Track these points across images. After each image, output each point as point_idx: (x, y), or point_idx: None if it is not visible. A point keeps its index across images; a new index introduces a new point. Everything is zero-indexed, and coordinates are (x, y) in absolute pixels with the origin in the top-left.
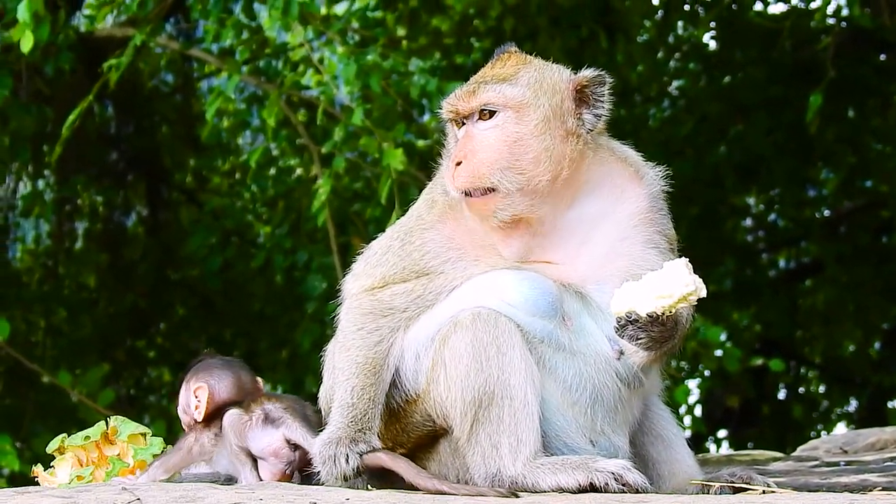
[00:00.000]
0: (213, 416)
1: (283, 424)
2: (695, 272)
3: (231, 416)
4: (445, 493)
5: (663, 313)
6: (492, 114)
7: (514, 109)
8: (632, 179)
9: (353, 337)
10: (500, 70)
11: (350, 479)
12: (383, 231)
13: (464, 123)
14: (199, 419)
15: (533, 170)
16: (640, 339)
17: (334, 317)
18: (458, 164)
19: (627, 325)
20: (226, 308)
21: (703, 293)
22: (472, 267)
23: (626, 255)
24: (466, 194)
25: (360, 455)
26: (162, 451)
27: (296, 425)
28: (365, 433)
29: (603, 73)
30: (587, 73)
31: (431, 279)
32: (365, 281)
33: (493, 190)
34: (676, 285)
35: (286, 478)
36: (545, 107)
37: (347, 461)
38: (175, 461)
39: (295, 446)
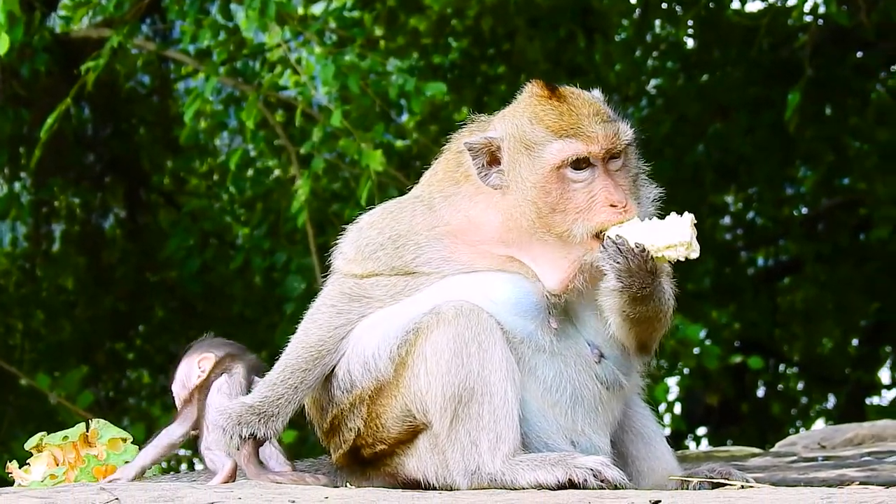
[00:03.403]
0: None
1: (229, 372)
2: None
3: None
4: (277, 482)
5: (648, 250)
6: (620, 153)
7: (632, 147)
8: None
9: (323, 312)
10: (595, 106)
11: (231, 453)
12: None
13: (588, 164)
14: (198, 383)
15: None
16: (618, 262)
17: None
18: (618, 206)
19: (612, 245)
20: (205, 310)
21: (695, 254)
22: (462, 272)
23: None
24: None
25: (242, 438)
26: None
27: (238, 372)
28: (261, 419)
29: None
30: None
31: (416, 277)
32: (354, 268)
33: None
34: (673, 233)
35: None
36: None
37: (231, 439)
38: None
39: None
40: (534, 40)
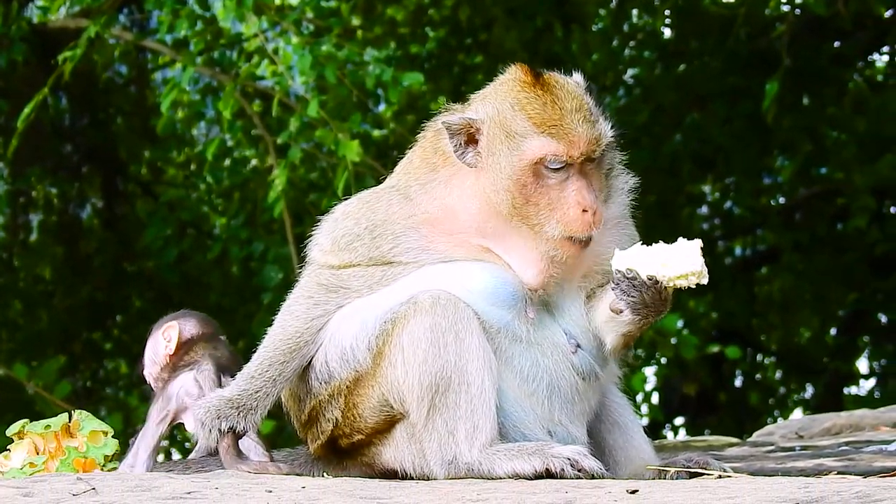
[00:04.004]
0: (180, 360)
1: (197, 366)
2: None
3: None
4: (242, 471)
5: (661, 281)
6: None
7: (610, 147)
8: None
9: (300, 303)
10: (577, 99)
11: (213, 449)
12: None
13: (567, 164)
14: (172, 352)
15: None
16: (633, 297)
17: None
18: (589, 211)
19: (624, 280)
20: (183, 300)
21: (705, 280)
22: (439, 262)
23: (592, 255)
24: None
25: (221, 432)
26: (114, 454)
27: (207, 368)
28: (240, 412)
29: None
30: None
31: (393, 267)
32: (331, 259)
33: None
34: (684, 261)
35: None
36: None
37: (210, 433)
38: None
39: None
40: (511, 30)
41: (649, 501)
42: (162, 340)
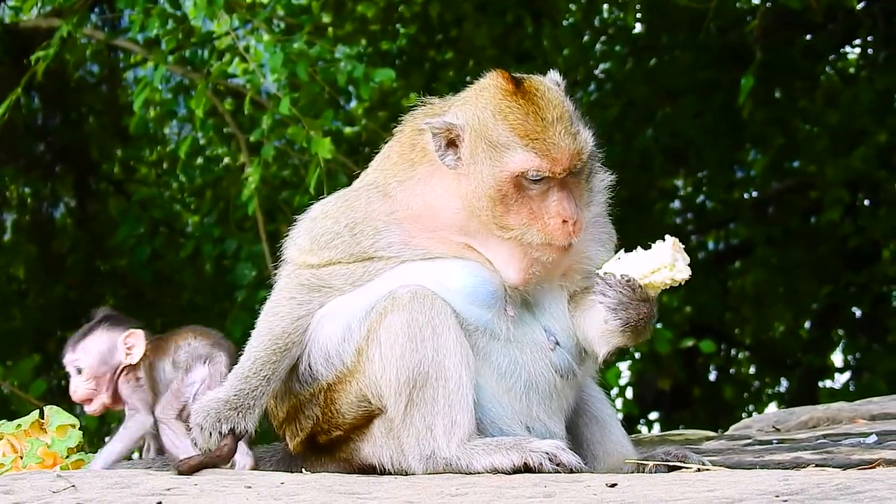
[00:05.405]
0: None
1: (210, 359)
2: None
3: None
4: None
5: (633, 277)
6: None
7: (592, 156)
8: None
9: (283, 304)
10: (558, 108)
11: (210, 451)
12: None
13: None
14: (135, 362)
15: None
16: (608, 296)
17: (266, 299)
18: (569, 221)
19: (600, 282)
20: (156, 298)
21: (681, 274)
22: (420, 258)
23: (571, 254)
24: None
25: (221, 434)
26: (77, 445)
27: (220, 360)
28: (240, 413)
29: None
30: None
31: (375, 262)
32: (310, 258)
33: None
34: (657, 259)
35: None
36: None
37: (211, 436)
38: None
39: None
40: (481, 26)
41: (628, 495)
42: (122, 346)
